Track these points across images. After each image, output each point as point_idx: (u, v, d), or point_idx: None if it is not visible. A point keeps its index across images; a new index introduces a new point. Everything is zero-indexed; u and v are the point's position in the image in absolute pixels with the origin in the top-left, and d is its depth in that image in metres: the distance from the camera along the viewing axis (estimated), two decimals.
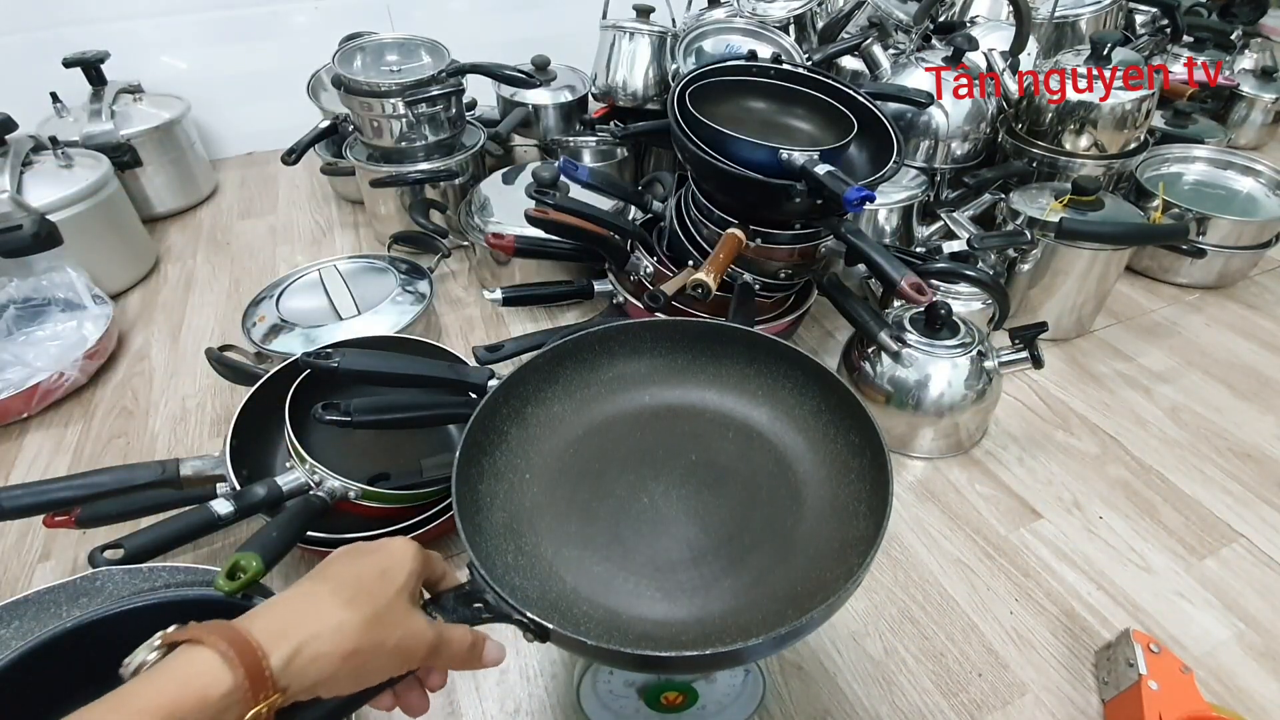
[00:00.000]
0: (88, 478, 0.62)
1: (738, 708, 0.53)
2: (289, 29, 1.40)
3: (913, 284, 0.66)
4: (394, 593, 0.34)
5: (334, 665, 0.31)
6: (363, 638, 0.32)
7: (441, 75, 1.01)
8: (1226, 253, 0.99)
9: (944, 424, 0.74)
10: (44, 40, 1.23)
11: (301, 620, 0.32)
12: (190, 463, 0.65)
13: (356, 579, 0.34)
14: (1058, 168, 0.99)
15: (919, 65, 0.99)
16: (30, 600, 0.51)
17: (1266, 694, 0.57)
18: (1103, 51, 0.93)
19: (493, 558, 0.43)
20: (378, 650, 0.33)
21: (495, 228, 0.95)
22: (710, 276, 0.66)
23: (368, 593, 0.34)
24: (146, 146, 1.16)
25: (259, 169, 1.42)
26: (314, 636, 0.31)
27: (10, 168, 0.92)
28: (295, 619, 0.32)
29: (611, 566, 0.45)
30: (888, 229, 0.95)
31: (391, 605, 0.34)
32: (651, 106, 1.09)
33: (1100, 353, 0.92)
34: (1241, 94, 1.37)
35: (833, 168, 0.66)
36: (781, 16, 1.10)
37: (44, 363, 0.83)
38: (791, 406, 0.53)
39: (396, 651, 0.33)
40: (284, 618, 0.32)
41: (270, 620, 0.31)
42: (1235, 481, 0.74)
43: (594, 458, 0.51)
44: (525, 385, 0.51)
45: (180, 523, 0.56)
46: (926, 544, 0.68)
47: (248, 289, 1.01)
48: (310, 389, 0.64)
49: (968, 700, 0.56)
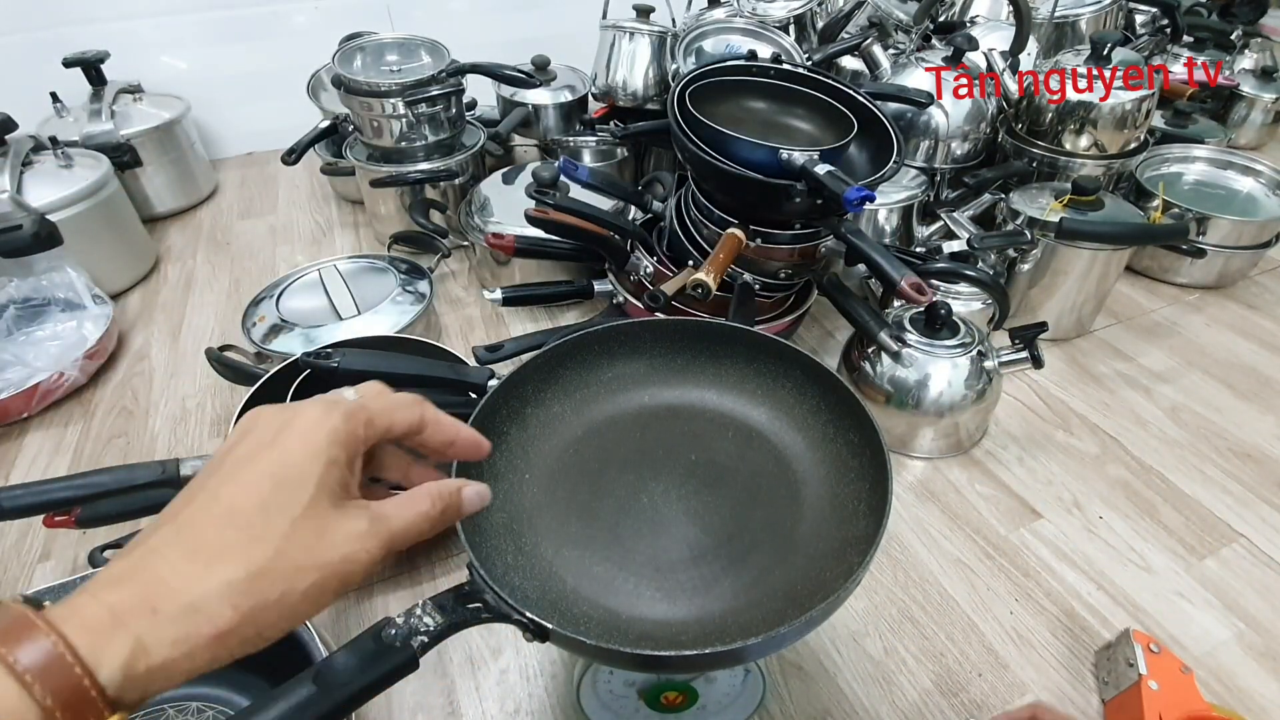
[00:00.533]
0: (88, 478, 0.62)
1: (738, 708, 0.53)
2: (289, 29, 1.40)
3: (913, 284, 0.66)
4: (298, 512, 0.24)
5: (201, 657, 0.22)
6: (244, 603, 0.23)
7: (441, 75, 1.01)
8: (1226, 253, 0.99)
9: (944, 424, 0.74)
10: (44, 40, 1.23)
11: (146, 595, 0.22)
12: (190, 463, 0.64)
13: (231, 509, 0.24)
14: (1058, 168, 0.98)
15: (919, 65, 0.99)
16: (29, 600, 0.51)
17: (1266, 694, 0.57)
18: (1103, 51, 0.92)
19: (492, 558, 0.43)
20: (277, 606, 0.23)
21: (495, 228, 0.95)
22: (710, 276, 0.66)
23: (249, 529, 0.24)
24: (146, 146, 1.16)
25: (259, 169, 1.42)
26: (166, 620, 0.22)
27: (10, 168, 0.92)
28: (137, 594, 0.22)
29: (611, 566, 0.45)
30: (888, 229, 0.95)
31: (295, 533, 0.24)
32: (651, 106, 1.09)
33: (1100, 353, 0.92)
34: (1241, 94, 1.37)
35: (833, 168, 0.66)
36: (781, 16, 1.09)
37: (44, 363, 0.83)
38: (791, 406, 0.53)
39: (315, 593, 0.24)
40: (121, 595, 0.22)
41: (99, 603, 0.22)
42: (1235, 481, 0.74)
43: (594, 458, 0.51)
44: (525, 385, 0.51)
45: None
46: (926, 544, 0.68)
47: (248, 289, 1.01)
48: (310, 389, 0.64)
49: (968, 700, 0.56)
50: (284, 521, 0.24)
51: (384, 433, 0.29)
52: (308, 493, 0.25)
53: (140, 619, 0.21)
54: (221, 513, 0.24)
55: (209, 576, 0.23)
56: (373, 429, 0.28)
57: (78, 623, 0.21)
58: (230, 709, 0.52)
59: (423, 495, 0.29)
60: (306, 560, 0.24)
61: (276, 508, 0.24)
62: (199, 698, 0.53)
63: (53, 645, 0.20)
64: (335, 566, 0.25)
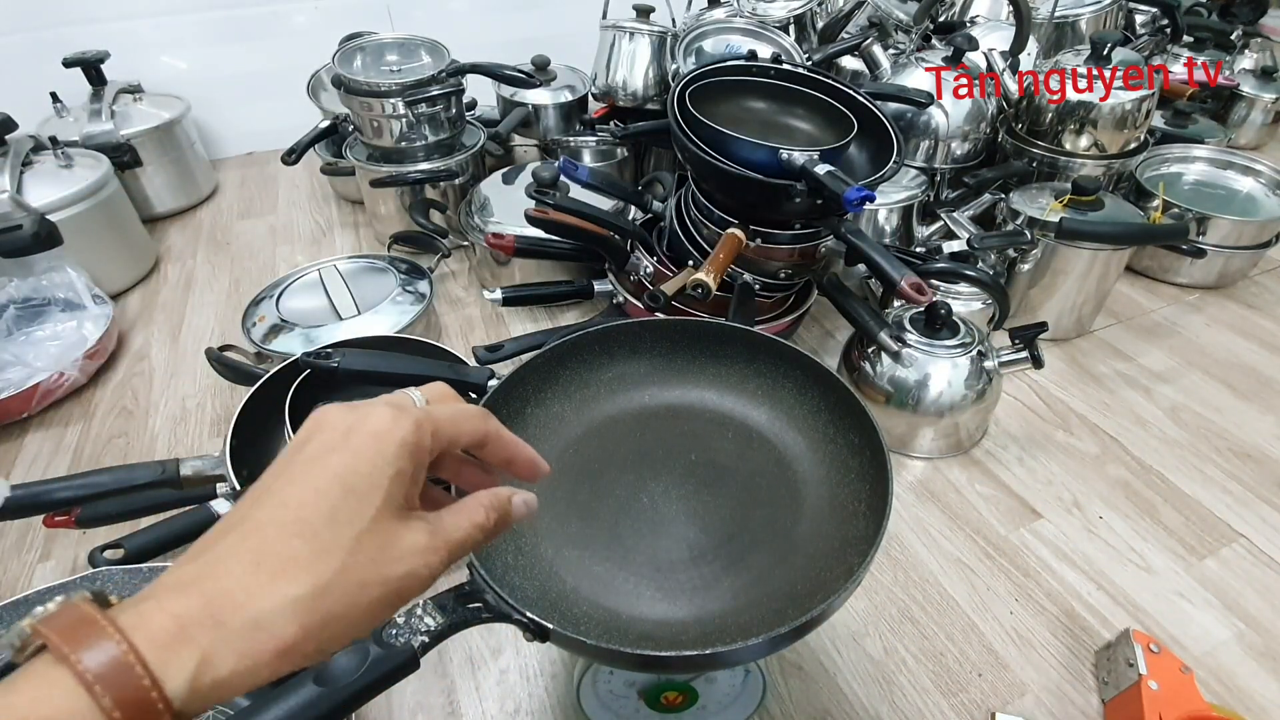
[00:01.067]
0: (88, 478, 0.62)
1: (738, 708, 0.53)
2: (289, 29, 1.40)
3: (913, 284, 0.66)
4: (364, 525, 0.24)
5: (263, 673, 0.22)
6: (309, 620, 0.22)
7: (441, 75, 1.01)
8: (1226, 253, 0.99)
9: (944, 424, 0.74)
10: (44, 40, 1.23)
11: (211, 606, 0.21)
12: (190, 463, 0.65)
13: (299, 518, 0.23)
14: (1058, 168, 0.99)
15: (919, 65, 0.99)
16: (30, 600, 0.51)
17: (1266, 694, 0.57)
18: (1103, 51, 0.93)
19: (492, 558, 0.43)
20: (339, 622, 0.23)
21: (495, 228, 0.95)
22: (710, 276, 0.66)
23: (316, 539, 0.23)
24: (146, 146, 1.16)
25: (259, 169, 1.42)
26: (231, 634, 0.21)
27: (10, 168, 0.92)
28: (203, 604, 0.21)
29: (611, 566, 0.45)
30: (888, 229, 0.95)
31: (360, 546, 0.24)
32: (651, 106, 1.09)
33: (1100, 353, 0.92)
34: (1241, 94, 1.37)
35: (833, 168, 0.66)
36: (781, 16, 1.10)
37: (44, 363, 0.83)
38: (791, 406, 0.53)
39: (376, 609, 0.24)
40: (187, 605, 0.21)
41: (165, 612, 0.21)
42: (1235, 481, 0.74)
43: (594, 458, 0.51)
44: (525, 385, 0.51)
45: (180, 523, 0.57)
46: (926, 544, 0.68)
47: (248, 289, 1.01)
48: (310, 389, 0.64)
49: (968, 700, 0.56)
50: (350, 533, 0.24)
51: (448, 444, 0.28)
52: (374, 504, 0.24)
53: (206, 632, 0.21)
54: (289, 521, 0.23)
55: (274, 592, 0.22)
56: (438, 440, 0.27)
57: (145, 632, 0.20)
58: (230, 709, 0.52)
59: (476, 505, 0.28)
60: (371, 575, 0.24)
61: (344, 518, 0.24)
62: None
63: (121, 653, 0.19)
64: (397, 582, 0.24)
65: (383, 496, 0.24)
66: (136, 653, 0.19)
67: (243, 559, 0.23)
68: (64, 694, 0.19)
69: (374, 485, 0.24)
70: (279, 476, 0.25)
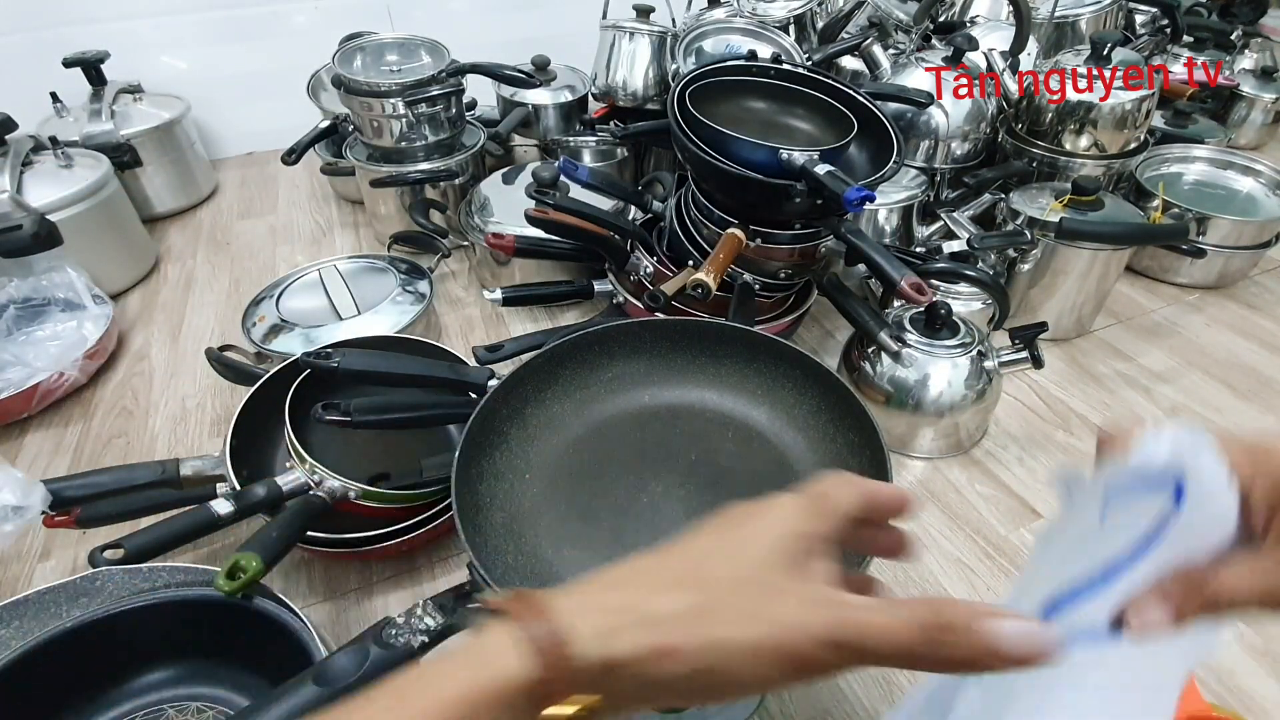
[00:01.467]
0: (88, 478, 0.62)
1: (738, 708, 0.53)
2: (289, 29, 1.40)
3: (913, 284, 0.66)
4: (747, 570, 0.26)
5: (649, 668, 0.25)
6: (692, 632, 0.25)
7: (441, 75, 1.01)
8: (1226, 253, 0.99)
9: (944, 424, 0.74)
10: (44, 40, 1.23)
11: (608, 596, 0.27)
12: (190, 463, 0.65)
13: (702, 554, 0.28)
14: (1058, 168, 0.98)
15: (919, 65, 0.99)
16: (30, 600, 0.51)
17: (1266, 694, 0.57)
18: (1103, 51, 0.92)
19: (493, 558, 0.43)
20: (725, 647, 0.25)
21: (495, 228, 0.95)
22: (710, 276, 0.66)
23: (704, 571, 0.27)
24: (146, 146, 1.16)
25: (259, 169, 1.42)
26: (630, 624, 0.25)
27: (10, 168, 0.92)
28: (602, 594, 0.27)
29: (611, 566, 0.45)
30: (888, 229, 0.95)
31: (739, 588, 0.26)
32: (651, 106, 1.09)
33: (1100, 353, 0.92)
34: (1241, 94, 1.37)
35: (833, 168, 0.66)
36: (781, 16, 1.10)
37: (44, 363, 0.83)
38: (791, 406, 0.53)
39: (763, 651, 0.25)
40: (592, 592, 0.27)
41: (573, 594, 0.26)
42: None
43: (594, 458, 0.51)
44: (525, 385, 0.51)
45: (180, 523, 0.56)
46: (926, 544, 0.68)
47: (248, 289, 1.01)
48: (310, 389, 0.64)
49: None
50: (739, 569, 0.27)
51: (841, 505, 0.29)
52: (756, 556, 0.27)
53: (610, 618, 0.25)
54: (696, 552, 0.28)
55: (666, 601, 0.26)
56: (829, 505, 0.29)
57: (564, 603, 0.26)
58: (230, 709, 0.52)
59: (903, 606, 0.25)
60: (750, 607, 0.26)
61: (735, 558, 0.27)
62: (199, 698, 0.53)
63: (543, 611, 0.25)
64: (779, 633, 0.25)
65: (762, 555, 0.27)
66: (551, 614, 0.25)
67: (638, 570, 0.28)
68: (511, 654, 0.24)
69: (761, 540, 0.28)
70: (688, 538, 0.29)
